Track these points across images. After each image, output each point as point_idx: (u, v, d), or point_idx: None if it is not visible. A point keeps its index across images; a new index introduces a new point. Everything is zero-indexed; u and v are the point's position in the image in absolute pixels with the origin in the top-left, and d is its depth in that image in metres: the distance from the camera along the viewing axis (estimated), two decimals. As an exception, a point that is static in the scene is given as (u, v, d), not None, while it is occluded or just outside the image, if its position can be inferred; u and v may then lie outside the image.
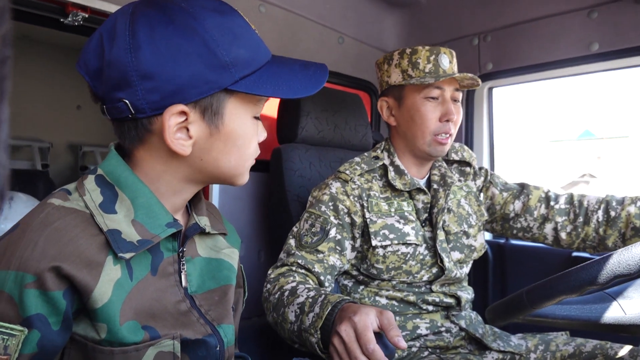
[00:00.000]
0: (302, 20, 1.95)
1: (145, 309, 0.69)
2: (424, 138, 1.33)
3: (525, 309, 0.87)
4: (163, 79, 0.65)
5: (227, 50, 0.67)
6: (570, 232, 1.38)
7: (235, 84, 0.69)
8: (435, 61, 1.32)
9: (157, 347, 0.68)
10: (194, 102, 0.68)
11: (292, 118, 1.70)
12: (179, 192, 0.76)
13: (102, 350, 0.65)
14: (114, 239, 0.66)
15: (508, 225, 1.48)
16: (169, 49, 0.65)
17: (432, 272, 1.33)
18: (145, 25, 0.65)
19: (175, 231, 0.73)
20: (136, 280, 0.68)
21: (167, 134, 0.67)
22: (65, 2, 1.32)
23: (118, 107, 0.67)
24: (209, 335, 0.75)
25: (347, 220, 1.31)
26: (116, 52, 0.65)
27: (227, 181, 0.78)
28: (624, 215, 1.29)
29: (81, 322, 0.66)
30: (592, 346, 1.24)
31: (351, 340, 0.83)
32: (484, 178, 1.52)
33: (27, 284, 0.59)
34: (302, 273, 1.21)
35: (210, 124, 0.70)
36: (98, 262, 0.64)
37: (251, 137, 0.75)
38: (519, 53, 1.90)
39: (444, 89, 1.33)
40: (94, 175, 0.71)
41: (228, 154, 0.73)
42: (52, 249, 0.61)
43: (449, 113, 1.31)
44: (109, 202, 0.69)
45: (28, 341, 0.59)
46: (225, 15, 0.69)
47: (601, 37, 1.66)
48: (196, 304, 0.77)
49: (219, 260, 0.83)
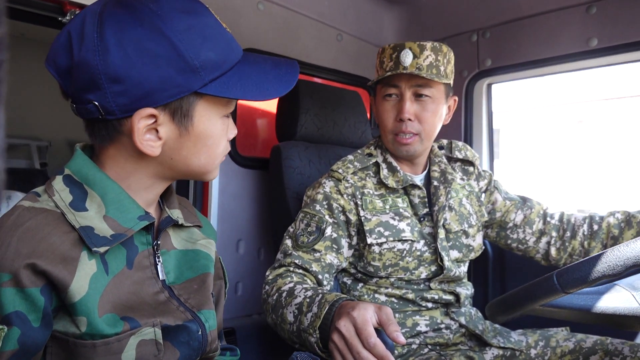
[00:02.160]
0: (301, 17, 1.95)
1: (122, 302, 0.70)
2: (387, 137, 1.35)
3: (556, 293, 0.84)
4: (132, 83, 0.65)
5: (196, 54, 0.67)
6: (559, 247, 1.42)
7: (205, 87, 0.69)
8: (397, 58, 1.28)
9: (138, 335, 0.69)
10: (163, 105, 0.69)
11: (291, 115, 1.70)
12: (150, 187, 0.77)
13: (84, 345, 0.66)
14: (87, 235, 0.67)
15: (504, 234, 1.49)
16: (137, 53, 0.65)
17: (430, 270, 1.33)
18: (114, 27, 0.65)
19: (148, 224, 0.74)
20: (112, 274, 0.70)
21: (136, 137, 0.68)
22: (63, 1, 1.32)
23: (87, 108, 0.68)
24: (190, 321, 0.77)
25: (342, 218, 1.30)
26: (84, 54, 0.65)
27: (197, 178, 0.81)
28: (605, 227, 1.35)
29: (61, 320, 0.66)
30: (592, 342, 1.24)
31: (351, 335, 0.83)
32: (487, 181, 1.52)
33: (3, 283, 0.60)
34: (300, 273, 1.21)
35: (180, 126, 0.71)
36: (73, 257, 0.65)
37: (220, 137, 0.77)
38: (518, 49, 1.89)
39: (400, 86, 1.30)
40: (62, 175, 0.73)
41: (198, 154, 0.75)
42: (25, 248, 0.62)
43: (400, 112, 1.29)
44: (79, 201, 0.70)
45: (8, 339, 0.60)
46: (194, 15, 0.69)
47: (600, 33, 1.66)
48: (175, 294, 0.78)
49: (195, 251, 0.85)
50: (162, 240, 0.80)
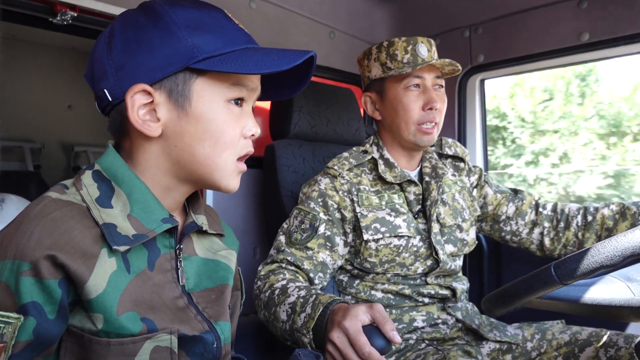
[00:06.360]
0: (293, 15, 1.95)
1: (145, 301, 0.69)
2: (409, 129, 1.34)
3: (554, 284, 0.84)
4: (130, 61, 0.69)
5: (190, 34, 0.69)
6: (552, 238, 1.42)
7: (198, 63, 0.69)
8: (413, 51, 1.32)
9: (154, 340, 0.68)
10: (159, 83, 0.69)
11: (285, 114, 1.70)
12: (168, 190, 0.76)
13: (99, 342, 0.65)
14: (109, 232, 0.66)
15: (497, 227, 1.50)
16: (135, 34, 0.69)
17: (426, 264, 1.34)
18: (120, 19, 0.72)
19: (172, 227, 0.73)
20: (134, 273, 0.69)
21: (130, 113, 0.69)
22: (53, 1, 1.31)
23: (100, 97, 0.72)
24: (206, 332, 0.76)
25: (337, 215, 1.31)
26: (99, 49, 0.72)
27: (210, 179, 0.75)
28: (599, 218, 1.35)
29: (77, 314, 0.66)
30: (588, 334, 1.25)
31: (345, 347, 0.84)
32: (478, 176, 1.54)
33: (23, 272, 0.60)
34: (292, 270, 1.22)
35: (177, 106, 0.71)
36: (92, 254, 0.65)
37: (226, 123, 0.73)
38: (510, 44, 1.90)
39: (424, 77, 1.33)
40: (91, 170, 0.72)
41: (201, 140, 0.72)
42: (47, 239, 0.61)
43: (431, 101, 1.31)
44: (106, 197, 0.70)
45: (24, 328, 0.60)
46: (198, 7, 0.72)
47: (591, 27, 1.67)
48: (193, 301, 0.77)
49: (215, 262, 0.83)
50: (184, 245, 0.79)
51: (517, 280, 0.92)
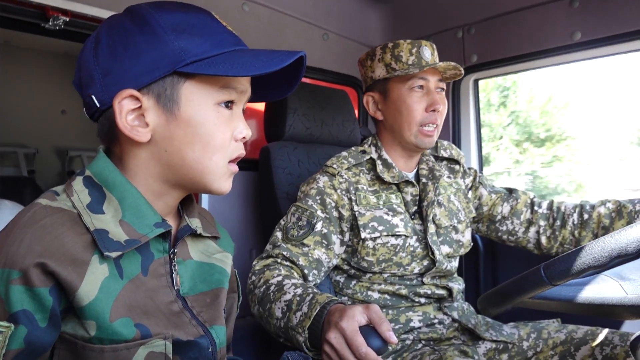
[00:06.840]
0: (286, 17, 1.95)
1: (139, 306, 0.69)
2: (411, 129, 1.35)
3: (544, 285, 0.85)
4: (117, 67, 0.68)
5: (177, 37, 0.68)
6: (549, 236, 1.42)
7: (185, 66, 0.68)
8: (418, 53, 1.34)
9: (148, 346, 0.68)
10: (147, 88, 0.69)
11: (279, 116, 1.70)
12: (160, 194, 0.75)
13: (92, 348, 0.65)
14: (101, 238, 0.66)
15: (494, 227, 1.51)
16: (121, 38, 0.68)
17: (423, 265, 1.34)
18: (106, 24, 0.71)
19: (165, 231, 0.73)
20: (127, 278, 0.68)
21: (119, 119, 0.68)
22: (45, 7, 1.31)
23: (88, 103, 0.71)
24: (201, 337, 0.75)
25: (334, 214, 1.31)
26: (86, 54, 0.71)
27: (201, 183, 0.74)
28: (595, 216, 1.35)
29: (70, 321, 0.66)
30: (583, 332, 1.25)
31: (342, 347, 0.85)
32: (472, 177, 1.55)
33: (13, 280, 0.60)
34: (287, 265, 1.22)
35: (166, 110, 0.70)
36: (83, 261, 0.64)
37: (215, 127, 0.72)
38: (503, 44, 1.91)
39: (428, 79, 1.34)
40: (82, 176, 0.72)
41: (191, 144, 0.71)
42: (37, 246, 0.61)
43: (434, 103, 1.33)
44: (97, 203, 0.69)
45: (15, 337, 0.59)
46: (184, 10, 0.71)
47: (583, 26, 1.68)
48: (188, 306, 0.76)
49: (210, 265, 0.83)
50: (179, 249, 0.78)
51: (509, 281, 0.93)
